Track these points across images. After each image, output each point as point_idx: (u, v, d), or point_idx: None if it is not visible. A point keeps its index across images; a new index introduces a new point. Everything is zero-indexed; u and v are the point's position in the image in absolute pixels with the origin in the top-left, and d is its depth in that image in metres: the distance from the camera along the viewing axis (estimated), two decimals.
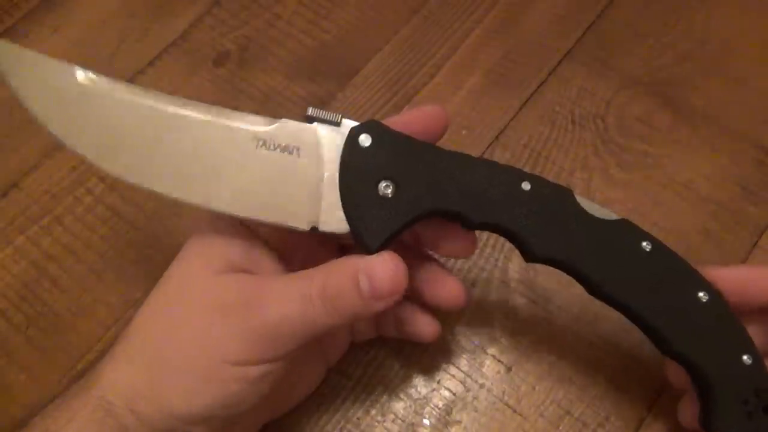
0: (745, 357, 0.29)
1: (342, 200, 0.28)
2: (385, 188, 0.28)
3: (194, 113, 0.29)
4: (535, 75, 0.47)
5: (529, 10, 0.49)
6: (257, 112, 0.46)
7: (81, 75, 0.28)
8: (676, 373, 0.32)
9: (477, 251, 0.40)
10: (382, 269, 0.27)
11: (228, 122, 0.29)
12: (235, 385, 0.27)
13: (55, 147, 0.45)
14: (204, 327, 0.28)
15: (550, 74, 0.47)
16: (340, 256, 0.32)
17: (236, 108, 0.45)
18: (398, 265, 0.28)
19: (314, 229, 0.29)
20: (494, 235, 0.41)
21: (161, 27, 0.50)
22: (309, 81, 0.47)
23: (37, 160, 0.45)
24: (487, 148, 0.44)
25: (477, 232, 0.32)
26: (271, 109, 0.46)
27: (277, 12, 0.50)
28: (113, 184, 0.44)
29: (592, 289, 0.30)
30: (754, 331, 0.30)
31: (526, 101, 0.46)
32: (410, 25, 0.49)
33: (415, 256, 0.32)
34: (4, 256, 0.42)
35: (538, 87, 0.46)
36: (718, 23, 0.48)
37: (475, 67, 0.47)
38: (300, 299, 0.27)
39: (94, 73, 0.28)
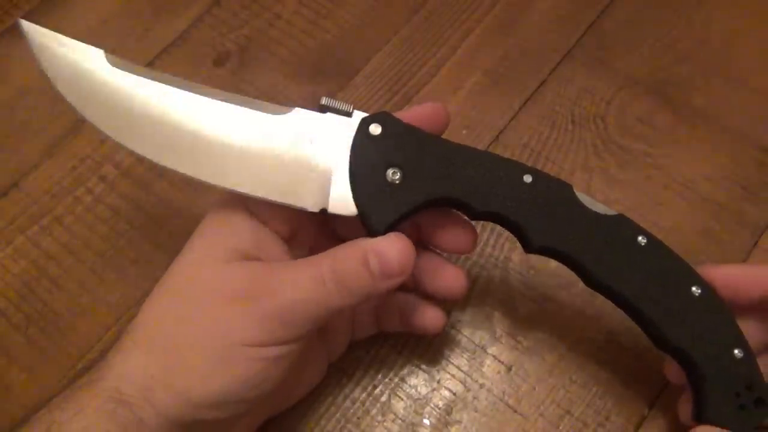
0: (736, 351, 0.29)
1: (351, 185, 0.29)
2: (393, 175, 0.29)
3: (214, 98, 0.30)
4: (535, 75, 0.47)
5: (529, 10, 0.49)
6: None
7: (108, 58, 0.30)
8: (673, 370, 0.32)
9: (477, 252, 0.40)
10: (391, 248, 0.28)
11: (246, 108, 0.30)
12: (253, 366, 0.28)
13: (55, 147, 0.45)
14: (217, 313, 0.28)
15: (550, 74, 0.47)
16: None
17: None
18: (405, 244, 0.29)
19: (323, 211, 0.30)
20: (495, 235, 0.41)
21: (161, 27, 0.50)
22: (309, 81, 0.47)
23: (37, 160, 0.45)
24: (487, 148, 0.44)
25: (478, 232, 0.32)
26: None
27: (277, 12, 0.50)
28: (114, 183, 0.44)
29: (589, 281, 0.31)
30: (749, 328, 0.30)
31: (526, 101, 0.46)
32: (410, 24, 0.49)
33: (416, 248, 0.32)
34: (4, 256, 0.42)
35: (538, 87, 0.46)
36: (718, 23, 0.48)
37: (475, 67, 0.47)
38: (312, 282, 0.28)
39: (120, 58, 0.30)
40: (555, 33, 0.48)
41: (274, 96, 0.47)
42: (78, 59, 0.30)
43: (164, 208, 0.43)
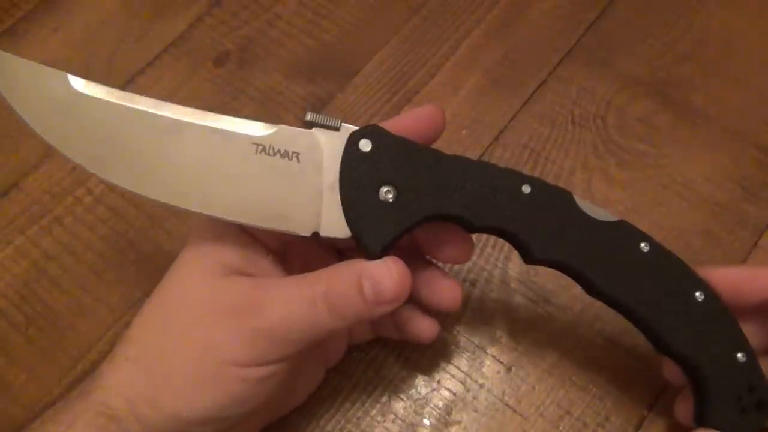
0: (739, 355, 0.29)
1: (343, 206, 0.28)
2: (386, 193, 0.28)
3: (191, 119, 0.28)
4: (535, 75, 0.47)
5: (529, 10, 0.49)
6: (257, 113, 0.47)
7: (74, 82, 0.28)
8: (671, 370, 0.32)
9: (477, 251, 0.40)
10: (387, 275, 0.27)
11: (225, 128, 0.28)
12: (239, 386, 0.27)
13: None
14: (205, 329, 0.28)
15: (550, 74, 0.47)
16: (340, 258, 0.32)
17: (236, 108, 0.45)
18: (402, 270, 0.28)
19: (315, 235, 0.29)
20: (494, 236, 0.41)
21: (161, 27, 0.50)
22: (309, 81, 0.47)
23: (37, 160, 0.45)
24: (487, 148, 0.44)
25: (476, 234, 0.32)
26: (271, 109, 0.46)
27: (277, 12, 0.50)
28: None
29: (591, 290, 0.31)
30: (749, 330, 0.30)
31: (526, 101, 0.46)
32: (410, 25, 0.49)
33: (412, 258, 0.32)
34: (4, 256, 0.42)
35: (538, 87, 0.46)
36: (718, 23, 0.48)
37: (475, 67, 0.47)
38: (303, 302, 0.28)
39: (87, 81, 0.28)
40: (555, 33, 0.48)
41: (274, 96, 0.47)
42: (41, 84, 0.28)
43: (164, 208, 0.43)
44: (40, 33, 0.50)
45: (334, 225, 0.28)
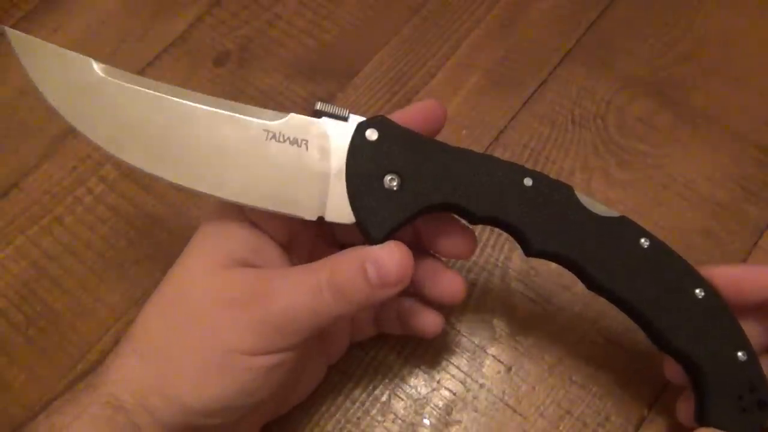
0: (740, 353, 0.29)
1: (348, 192, 0.29)
2: (391, 181, 0.29)
3: (206, 105, 0.29)
4: (535, 75, 0.47)
5: (529, 9, 0.49)
6: None
7: (97, 66, 0.29)
8: (673, 370, 0.32)
9: (477, 252, 0.40)
10: (389, 257, 0.28)
11: (239, 114, 0.30)
12: (247, 375, 0.28)
13: (55, 147, 0.45)
14: (212, 320, 0.28)
15: (550, 74, 0.47)
16: None
17: None
18: (404, 253, 0.28)
19: (320, 219, 0.29)
20: (495, 236, 0.41)
21: (161, 27, 0.50)
22: (309, 81, 0.47)
23: (37, 160, 0.45)
24: (487, 148, 0.44)
25: (477, 233, 0.32)
26: (271, 109, 0.46)
27: (277, 12, 0.50)
28: (113, 183, 0.44)
29: (591, 284, 0.31)
30: (749, 329, 0.30)
31: (526, 101, 0.46)
32: (410, 25, 0.49)
33: (414, 253, 0.32)
34: (4, 256, 0.42)
35: (538, 87, 0.46)
36: (718, 23, 0.48)
37: (475, 67, 0.47)
38: (308, 289, 0.28)
39: (109, 66, 0.29)
40: (555, 33, 0.48)
41: (274, 96, 0.47)
42: (66, 68, 0.29)
43: (164, 207, 0.43)
44: (40, 33, 0.50)
45: (339, 211, 0.29)
